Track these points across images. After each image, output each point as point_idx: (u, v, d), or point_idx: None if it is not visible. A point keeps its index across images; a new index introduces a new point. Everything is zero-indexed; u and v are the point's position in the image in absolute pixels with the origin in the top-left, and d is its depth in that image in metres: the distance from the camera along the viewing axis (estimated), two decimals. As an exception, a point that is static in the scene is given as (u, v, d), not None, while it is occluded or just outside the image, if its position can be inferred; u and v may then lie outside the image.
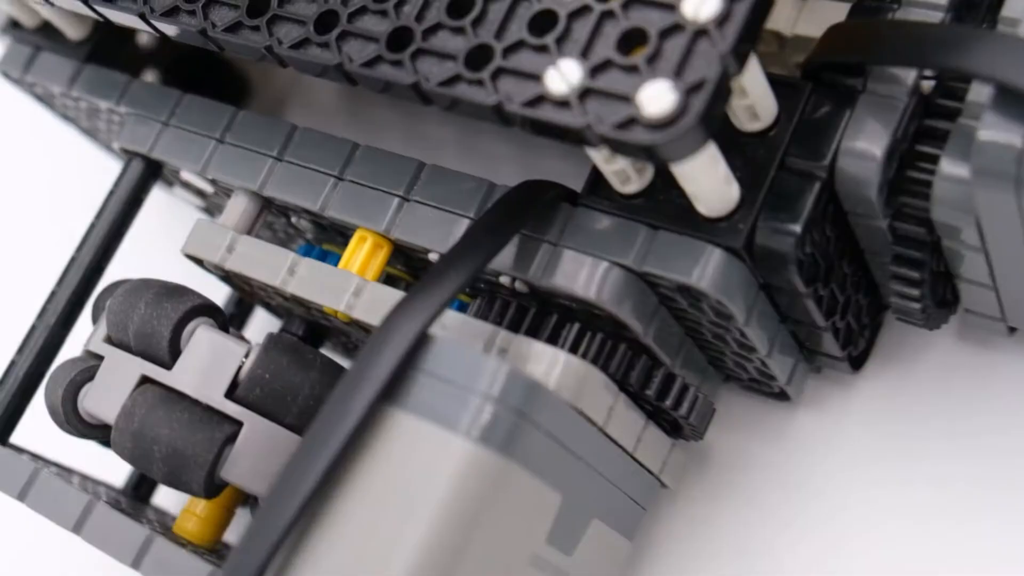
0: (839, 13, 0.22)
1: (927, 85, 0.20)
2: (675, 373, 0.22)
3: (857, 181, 0.20)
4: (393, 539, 0.19)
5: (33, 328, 0.26)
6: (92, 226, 0.27)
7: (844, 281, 0.23)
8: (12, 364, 0.26)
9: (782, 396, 0.25)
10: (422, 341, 0.20)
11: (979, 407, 0.25)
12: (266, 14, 0.22)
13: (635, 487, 0.23)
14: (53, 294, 0.26)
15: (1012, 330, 0.24)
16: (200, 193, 0.28)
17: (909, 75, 0.20)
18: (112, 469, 0.29)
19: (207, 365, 0.23)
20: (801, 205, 0.20)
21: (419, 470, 0.19)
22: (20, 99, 0.36)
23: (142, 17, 0.23)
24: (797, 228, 0.20)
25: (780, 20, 0.23)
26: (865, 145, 0.20)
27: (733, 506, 0.26)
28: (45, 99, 0.31)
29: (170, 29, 0.23)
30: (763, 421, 0.26)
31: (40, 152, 0.37)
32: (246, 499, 0.26)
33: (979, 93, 0.19)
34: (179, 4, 0.22)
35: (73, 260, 0.26)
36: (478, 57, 0.20)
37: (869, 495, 0.25)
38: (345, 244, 0.24)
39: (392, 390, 0.20)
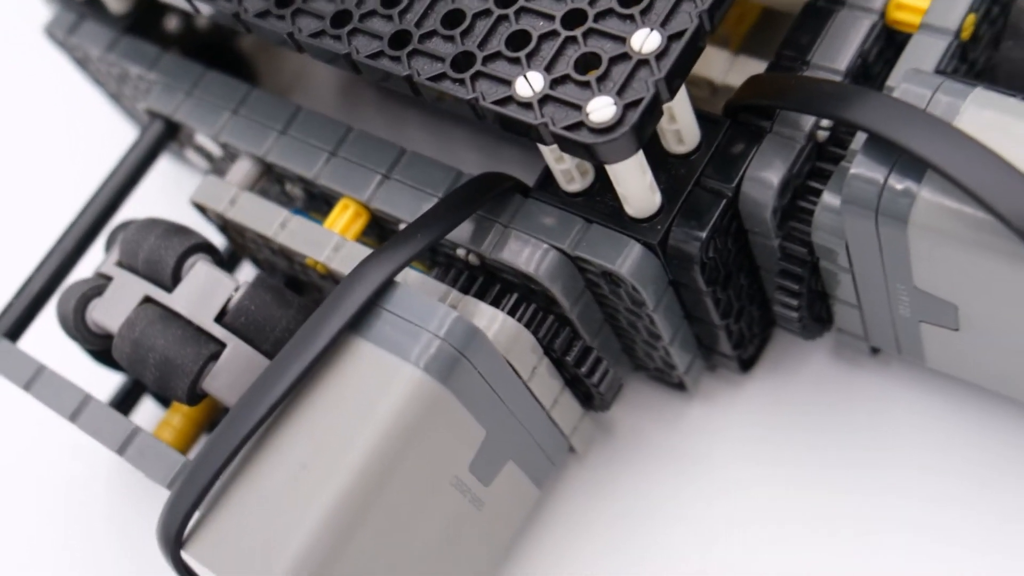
0: (762, 68, 0.26)
1: (822, 134, 0.24)
2: (592, 347, 0.26)
3: (756, 203, 0.24)
4: (344, 442, 0.22)
5: (52, 251, 0.29)
6: (113, 171, 0.30)
7: (740, 291, 0.27)
8: (30, 279, 0.29)
9: (680, 386, 0.29)
10: (388, 285, 0.23)
11: (840, 415, 0.29)
12: (291, 6, 0.25)
13: (548, 442, 0.27)
14: (73, 224, 0.30)
15: (875, 351, 0.28)
16: (208, 156, 0.32)
17: (808, 122, 0.24)
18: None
19: (202, 292, 0.26)
20: (709, 216, 0.24)
21: (373, 388, 0.23)
22: (56, 63, 0.39)
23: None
24: (703, 234, 0.24)
25: (714, 71, 0.27)
26: (765, 175, 0.24)
27: (629, 475, 0.29)
28: (81, 62, 0.34)
29: (207, 8, 0.26)
30: (663, 407, 0.30)
31: (68, 113, 0.41)
32: (214, 424, 0.30)
33: (859, 141, 0.23)
34: (220, -11, 0.26)
35: (94, 197, 0.30)
36: (462, 61, 0.23)
37: (742, 476, 0.28)
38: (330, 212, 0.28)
39: (358, 322, 0.23)
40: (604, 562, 0.28)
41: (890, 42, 0.25)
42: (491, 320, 0.24)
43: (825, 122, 0.24)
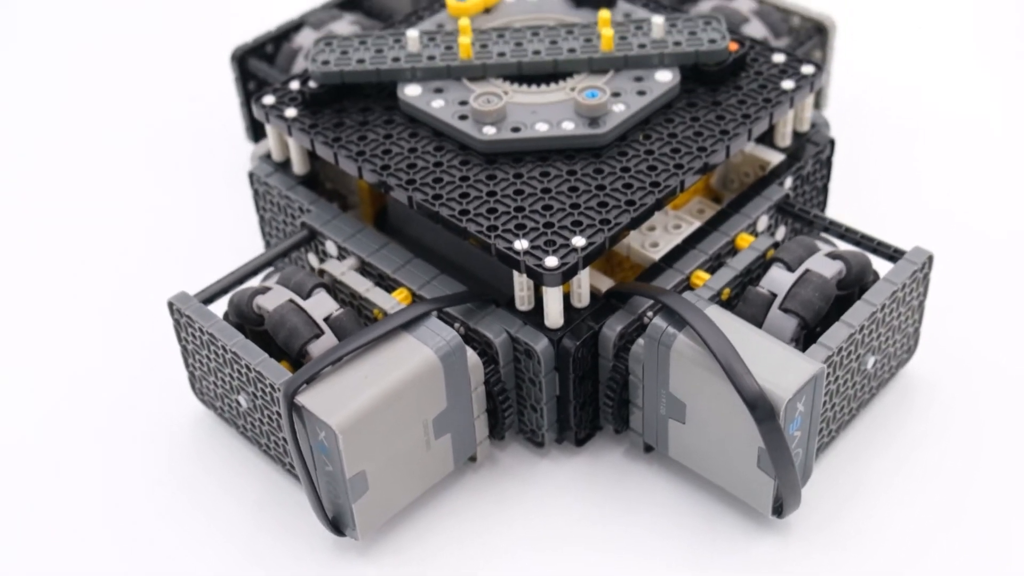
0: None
1: (648, 316, 0.48)
2: (508, 390, 0.48)
3: (606, 339, 0.47)
4: (391, 369, 0.43)
5: (235, 274, 0.51)
6: (273, 250, 0.52)
7: (587, 389, 0.49)
8: (223, 284, 0.50)
9: (540, 444, 0.50)
10: (427, 313, 0.45)
11: (618, 491, 0.49)
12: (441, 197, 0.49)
13: (468, 438, 0.48)
14: (249, 266, 0.51)
15: (649, 448, 0.50)
16: (325, 254, 0.54)
17: (643, 304, 0.47)
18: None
19: (320, 304, 0.48)
20: (582, 336, 0.47)
21: (409, 353, 0.44)
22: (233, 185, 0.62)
23: (358, 170, 0.50)
24: (578, 342, 0.47)
25: (603, 285, 0.51)
26: (612, 325, 0.47)
27: (493, 492, 0.50)
28: (259, 191, 0.57)
29: (372, 178, 0.50)
30: (527, 456, 0.51)
31: (232, 212, 0.64)
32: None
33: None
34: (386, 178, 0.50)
35: (262, 256, 0.52)
36: (492, 229, 0.47)
37: (553, 521, 0.48)
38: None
39: (407, 325, 0.45)
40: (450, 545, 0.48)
41: (690, 286, 0.49)
42: (467, 351, 0.46)
43: (650, 312, 0.48)
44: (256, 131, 0.67)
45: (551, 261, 0.45)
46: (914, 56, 0.75)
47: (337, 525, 0.46)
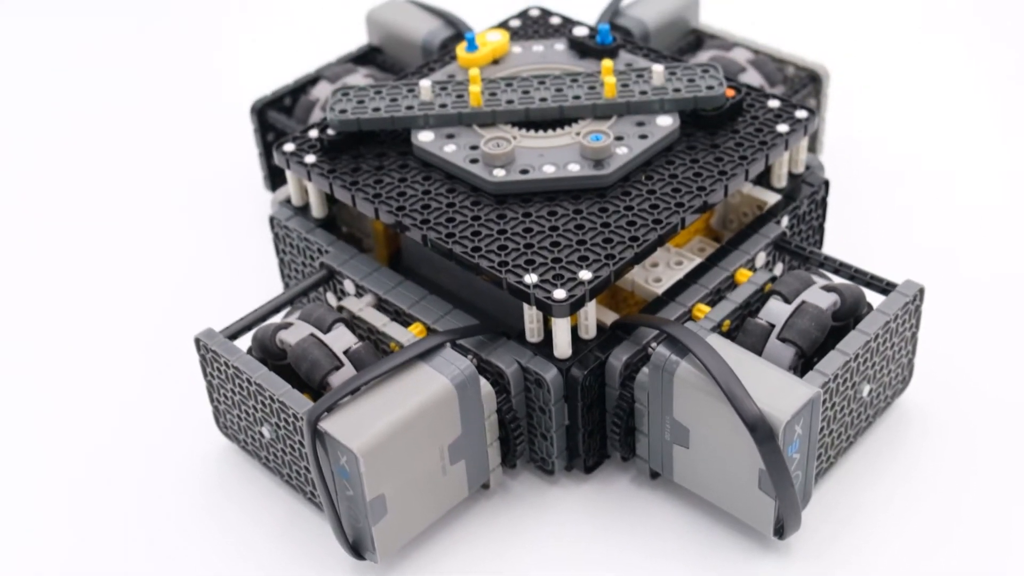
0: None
1: (652, 347, 0.50)
2: (520, 420, 0.50)
3: (612, 368, 0.49)
4: (408, 397, 0.46)
5: (257, 312, 0.53)
6: (293, 290, 0.55)
7: (596, 418, 0.51)
8: (248, 320, 0.53)
9: (550, 472, 0.52)
10: (441, 344, 0.48)
11: (624, 515, 0.51)
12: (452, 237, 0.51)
13: (481, 465, 0.50)
14: (272, 304, 0.54)
15: (655, 475, 0.52)
16: (343, 291, 0.56)
17: (647, 334, 0.49)
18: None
19: (340, 338, 0.50)
20: (589, 366, 0.49)
21: (425, 381, 0.46)
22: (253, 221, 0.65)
23: (375, 211, 0.53)
24: (585, 372, 0.49)
25: (607, 318, 0.53)
26: (618, 355, 0.49)
27: (505, 518, 0.51)
28: (279, 234, 0.59)
29: (388, 219, 0.52)
30: (537, 483, 0.53)
31: (258, 253, 0.66)
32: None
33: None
34: (402, 219, 0.52)
35: (283, 295, 0.54)
36: (503, 264, 0.49)
37: (561, 544, 0.50)
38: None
39: (424, 355, 0.47)
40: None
41: (692, 319, 0.52)
42: (481, 380, 0.48)
43: (654, 343, 0.50)
44: (274, 180, 0.69)
45: (559, 293, 0.47)
46: (905, 103, 0.78)
47: (357, 548, 0.48)
